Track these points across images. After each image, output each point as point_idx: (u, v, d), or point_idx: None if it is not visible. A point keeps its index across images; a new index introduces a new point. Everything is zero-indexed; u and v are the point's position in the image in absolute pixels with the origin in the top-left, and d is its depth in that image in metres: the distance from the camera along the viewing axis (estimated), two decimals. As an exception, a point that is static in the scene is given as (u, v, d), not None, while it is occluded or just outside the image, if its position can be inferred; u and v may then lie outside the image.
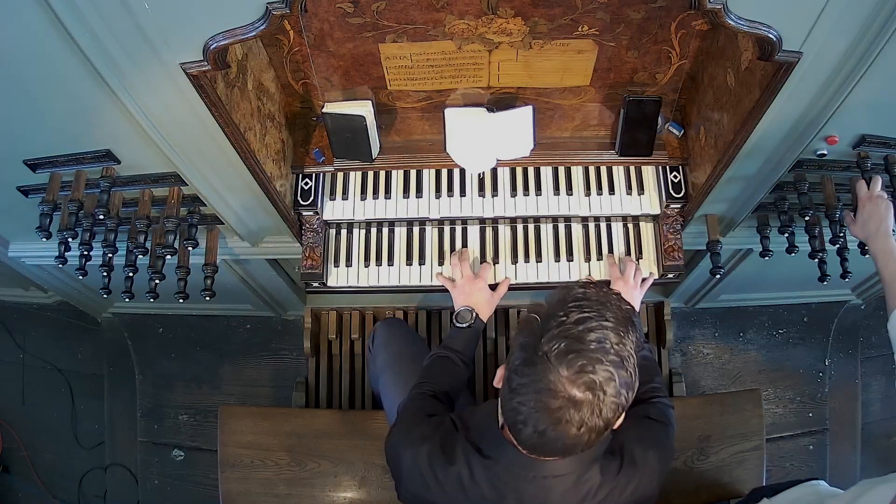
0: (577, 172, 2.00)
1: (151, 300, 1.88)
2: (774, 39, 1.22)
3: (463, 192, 1.98)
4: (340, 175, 2.00)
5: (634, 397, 1.61)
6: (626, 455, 1.33)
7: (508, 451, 1.24)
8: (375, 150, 1.94)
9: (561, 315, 1.09)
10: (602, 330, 1.07)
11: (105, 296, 1.85)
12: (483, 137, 1.86)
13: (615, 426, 1.16)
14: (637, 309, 1.86)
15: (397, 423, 1.47)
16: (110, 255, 1.76)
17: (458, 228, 2.05)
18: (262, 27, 1.16)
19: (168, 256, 1.81)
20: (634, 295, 1.88)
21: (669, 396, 1.65)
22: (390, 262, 2.03)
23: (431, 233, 2.05)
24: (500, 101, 1.85)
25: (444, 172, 2.00)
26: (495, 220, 2.04)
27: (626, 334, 1.10)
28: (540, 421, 1.08)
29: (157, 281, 1.85)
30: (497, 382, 1.22)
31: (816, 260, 1.88)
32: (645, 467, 1.34)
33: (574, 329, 1.07)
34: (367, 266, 2.03)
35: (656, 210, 1.98)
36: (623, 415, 1.15)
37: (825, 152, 1.62)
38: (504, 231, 2.05)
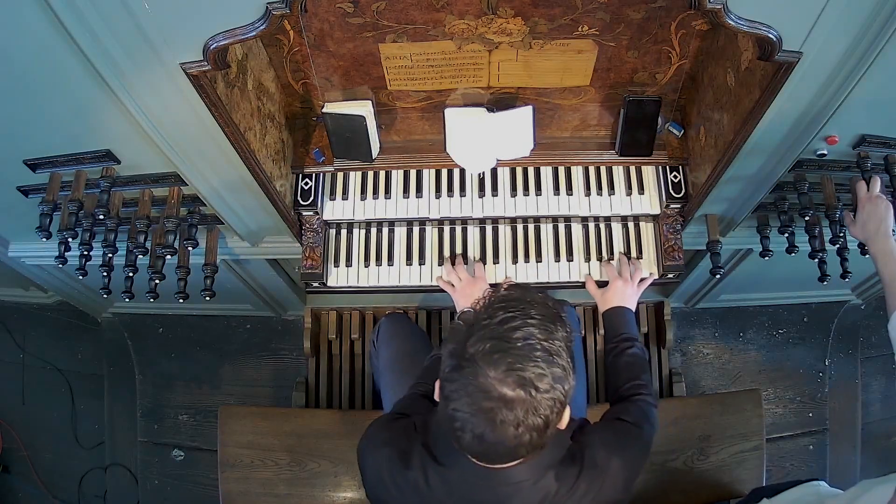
0: (577, 172, 2.00)
1: (151, 300, 1.88)
2: (774, 39, 1.22)
3: (463, 192, 1.98)
4: (340, 175, 2.00)
5: (619, 393, 1.61)
6: (587, 460, 1.31)
7: (461, 459, 1.22)
8: (375, 150, 1.94)
9: (485, 318, 1.10)
10: (527, 328, 1.07)
11: (105, 296, 1.85)
12: (483, 137, 1.86)
13: (560, 425, 1.16)
14: (634, 308, 1.85)
15: (370, 426, 1.46)
16: (110, 255, 1.76)
17: (458, 228, 2.05)
18: (262, 27, 1.16)
19: (168, 256, 1.81)
20: (629, 293, 1.87)
21: (656, 395, 1.63)
22: (390, 262, 2.03)
23: (431, 233, 2.05)
24: (500, 101, 1.85)
25: (444, 172, 2.00)
26: (495, 220, 2.04)
27: (553, 330, 1.09)
28: (476, 425, 1.07)
29: (157, 281, 1.85)
30: (437, 395, 1.20)
31: (816, 260, 1.88)
32: (608, 473, 1.31)
33: (499, 329, 1.07)
34: (367, 266, 2.03)
35: (656, 210, 1.98)
36: (566, 412, 1.14)
37: (825, 152, 1.62)
38: (504, 231, 2.05)
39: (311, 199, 1.95)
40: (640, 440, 1.45)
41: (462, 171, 1.99)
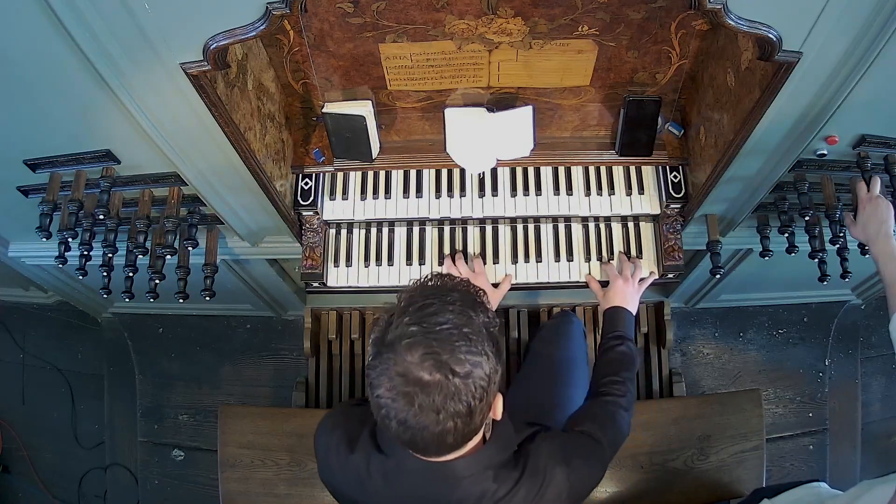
0: (577, 172, 2.00)
1: (151, 300, 1.88)
2: (774, 39, 1.22)
3: (463, 192, 1.98)
4: (340, 175, 2.00)
5: (594, 388, 1.59)
6: (529, 466, 1.28)
7: (401, 451, 1.22)
8: (375, 150, 1.94)
9: (405, 306, 1.10)
10: (445, 314, 1.08)
11: (105, 296, 1.85)
12: (483, 137, 1.86)
13: (494, 415, 1.15)
14: (634, 310, 1.85)
15: (331, 409, 1.45)
16: (110, 255, 1.76)
17: (458, 228, 2.05)
18: (262, 27, 1.16)
19: (168, 256, 1.81)
20: (629, 292, 1.86)
21: (632, 397, 1.59)
22: (390, 262, 2.03)
23: (431, 233, 2.05)
24: (500, 101, 1.85)
25: (444, 172, 2.00)
26: (495, 220, 2.04)
27: (473, 315, 1.10)
28: (399, 410, 1.07)
29: (157, 281, 1.85)
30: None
31: (816, 260, 1.88)
32: (550, 482, 1.28)
33: (417, 315, 1.08)
34: (367, 266, 2.03)
35: (656, 210, 1.98)
36: (497, 401, 1.14)
37: (825, 152, 1.62)
38: (504, 231, 2.05)
39: (311, 199, 1.95)
40: (596, 453, 1.41)
41: (462, 171, 1.99)
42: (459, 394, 1.06)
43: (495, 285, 1.94)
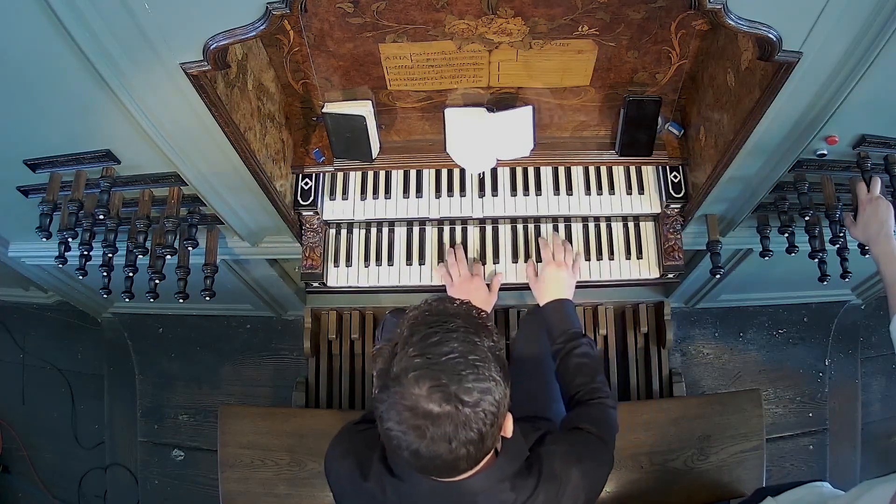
0: (577, 172, 2.00)
1: (151, 300, 1.87)
2: (774, 39, 1.22)
3: (463, 192, 1.98)
4: (340, 175, 2.00)
5: (574, 398, 1.59)
6: (545, 471, 1.29)
7: (412, 474, 1.22)
8: (375, 150, 1.94)
9: (408, 336, 1.10)
10: (450, 343, 1.07)
11: (105, 296, 1.85)
12: (483, 137, 1.86)
13: (505, 433, 1.15)
14: (572, 296, 1.81)
15: (337, 434, 1.45)
16: (110, 255, 1.76)
17: (458, 228, 2.05)
18: (262, 27, 1.16)
19: (168, 256, 1.81)
20: (564, 278, 1.83)
21: (614, 396, 1.60)
22: (390, 262, 2.03)
23: (431, 233, 2.05)
24: (500, 101, 1.85)
25: (444, 172, 2.00)
26: (495, 221, 2.04)
27: (477, 342, 1.09)
28: (411, 441, 1.07)
29: (157, 281, 1.84)
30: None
31: (816, 260, 1.88)
32: (567, 483, 1.30)
33: (420, 346, 1.07)
34: (367, 266, 2.03)
35: (656, 210, 1.98)
36: (507, 420, 1.14)
37: (825, 152, 1.62)
38: (504, 231, 2.05)
39: (311, 199, 1.95)
40: (601, 451, 1.42)
41: (462, 171, 1.99)
42: (470, 423, 1.05)
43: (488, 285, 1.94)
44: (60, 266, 1.72)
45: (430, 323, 1.11)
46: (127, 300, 1.84)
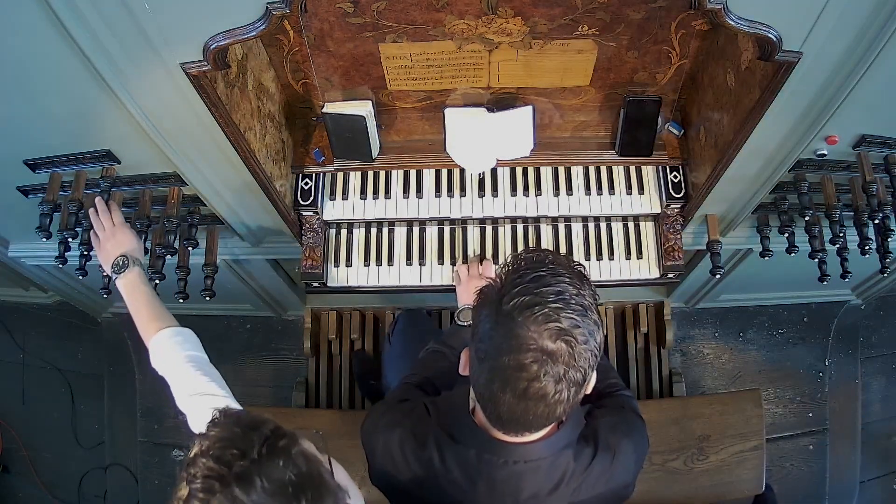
0: (577, 172, 2.00)
1: (151, 300, 1.87)
2: (774, 39, 1.22)
3: (463, 192, 1.98)
4: (340, 175, 2.00)
5: (598, 392, 1.60)
6: (600, 443, 1.30)
7: (479, 435, 1.23)
8: (375, 150, 1.94)
9: (516, 278, 1.10)
10: (559, 284, 1.08)
11: (105, 296, 1.85)
12: (483, 137, 1.86)
13: (588, 389, 1.15)
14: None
15: (371, 411, 1.45)
16: (110, 255, 1.76)
17: (458, 228, 2.05)
18: (262, 27, 1.16)
19: (168, 256, 1.81)
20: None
21: (631, 392, 1.62)
22: (390, 262, 2.03)
23: (431, 233, 2.05)
24: (500, 101, 1.85)
25: (444, 172, 2.00)
26: (495, 221, 2.04)
27: (582, 287, 1.10)
28: (519, 380, 1.06)
29: (157, 281, 1.84)
30: (463, 369, 1.21)
31: (816, 260, 1.88)
32: (620, 456, 1.32)
33: (531, 286, 1.08)
34: (367, 266, 2.03)
35: (656, 210, 1.98)
36: (593, 375, 1.14)
37: (825, 152, 1.61)
38: (504, 231, 2.05)
39: (311, 199, 1.95)
40: (641, 427, 1.45)
41: (462, 171, 1.99)
42: (578, 361, 1.06)
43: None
44: (60, 266, 1.72)
45: (537, 267, 1.11)
46: (127, 300, 1.84)
